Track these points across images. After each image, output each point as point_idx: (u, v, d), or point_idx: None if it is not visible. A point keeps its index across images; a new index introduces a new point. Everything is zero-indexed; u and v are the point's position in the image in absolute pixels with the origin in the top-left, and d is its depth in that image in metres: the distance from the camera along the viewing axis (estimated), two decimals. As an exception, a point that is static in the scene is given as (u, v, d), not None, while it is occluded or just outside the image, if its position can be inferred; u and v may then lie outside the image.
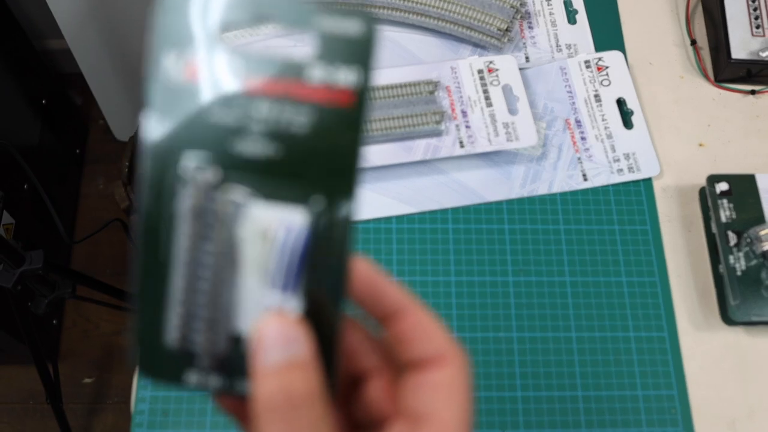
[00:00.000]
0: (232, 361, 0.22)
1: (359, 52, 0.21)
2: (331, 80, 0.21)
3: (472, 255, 0.48)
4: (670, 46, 0.57)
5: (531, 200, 0.50)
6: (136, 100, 1.13)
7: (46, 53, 1.22)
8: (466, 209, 0.50)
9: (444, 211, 0.50)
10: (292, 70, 0.21)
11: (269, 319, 0.21)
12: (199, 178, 0.22)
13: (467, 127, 0.51)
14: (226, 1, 0.21)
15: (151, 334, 0.22)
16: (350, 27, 0.21)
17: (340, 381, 0.23)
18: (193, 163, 0.22)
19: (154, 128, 0.21)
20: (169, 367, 0.22)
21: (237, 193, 0.22)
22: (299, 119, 0.21)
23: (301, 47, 0.22)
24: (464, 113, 0.51)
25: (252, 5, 0.21)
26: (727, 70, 0.54)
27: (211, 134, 0.22)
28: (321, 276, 0.22)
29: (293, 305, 0.21)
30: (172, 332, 0.22)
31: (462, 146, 0.50)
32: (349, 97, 0.22)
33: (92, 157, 1.28)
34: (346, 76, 0.21)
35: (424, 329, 0.23)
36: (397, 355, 0.23)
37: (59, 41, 1.06)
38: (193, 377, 0.22)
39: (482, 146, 0.50)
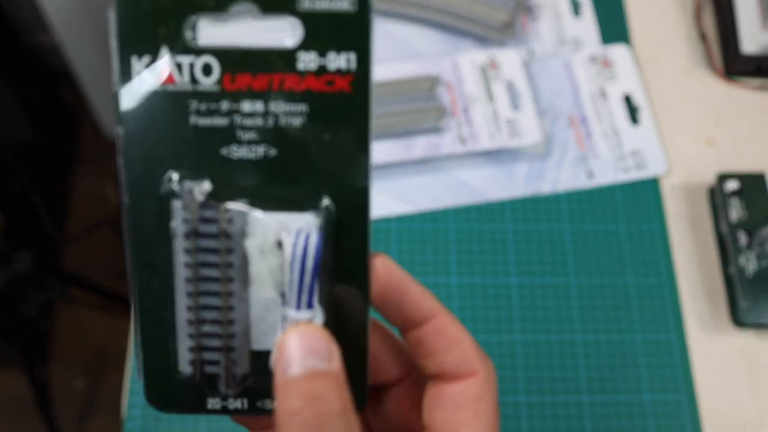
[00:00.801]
0: (254, 380, 0.21)
1: (352, 32, 0.19)
2: (323, 67, 0.19)
3: (474, 256, 0.47)
4: (678, 39, 0.56)
5: (534, 199, 0.49)
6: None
7: (36, 49, 1.20)
8: (467, 208, 0.49)
9: (444, 210, 0.49)
10: (279, 62, 0.19)
11: (290, 332, 0.19)
12: (190, 191, 0.20)
13: (468, 124, 0.50)
14: None
15: (162, 366, 0.21)
16: (338, 4, 0.19)
17: (368, 391, 0.21)
18: (181, 176, 0.20)
19: (132, 143, 0.19)
20: (187, 397, 0.21)
21: (236, 204, 0.20)
22: (293, 114, 0.20)
23: (285, 34, 0.20)
24: (465, 110, 0.50)
25: None
26: (736, 64, 0.53)
27: (198, 142, 0.20)
28: (340, 282, 0.20)
29: (314, 315, 0.20)
30: (185, 360, 0.21)
31: (463, 144, 0.49)
32: (346, 84, 0.19)
33: (83, 156, 1.26)
34: (340, 61, 0.19)
35: (451, 338, 0.21)
36: (421, 364, 0.22)
37: (49, 37, 1.05)
38: (214, 403, 0.21)
39: (484, 144, 0.49)
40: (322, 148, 0.20)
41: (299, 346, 0.19)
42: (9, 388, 1.09)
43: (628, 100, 0.52)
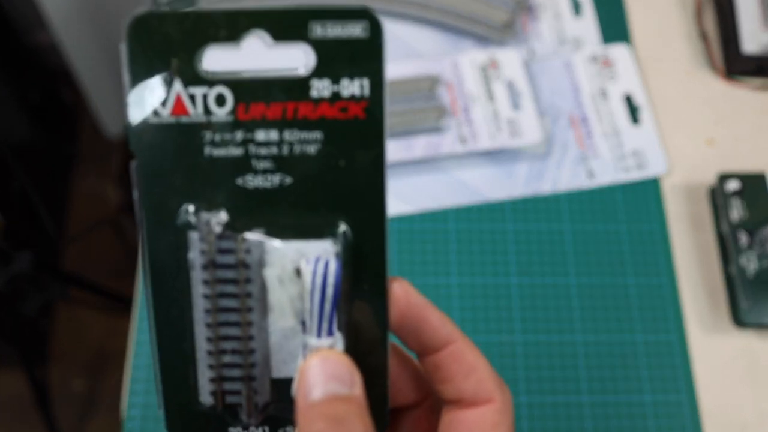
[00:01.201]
0: (276, 408, 0.21)
1: (365, 58, 0.19)
2: (337, 94, 0.19)
3: (474, 256, 0.47)
4: (678, 39, 0.56)
5: (534, 199, 0.49)
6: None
7: (36, 49, 1.20)
8: (467, 209, 0.49)
9: (444, 210, 0.49)
10: (291, 90, 0.19)
11: (311, 358, 0.19)
12: (207, 222, 0.20)
13: (469, 123, 0.49)
14: (203, 20, 0.19)
15: (183, 397, 0.21)
16: (350, 30, 0.19)
17: (388, 416, 0.22)
18: (197, 208, 0.20)
19: (147, 175, 0.19)
20: (208, 427, 0.21)
21: (254, 233, 0.20)
22: (308, 142, 0.19)
23: (296, 61, 0.20)
24: (466, 109, 0.50)
25: (232, 19, 0.19)
26: (737, 64, 0.53)
27: (213, 172, 0.20)
28: (359, 307, 0.20)
29: (334, 342, 0.20)
30: (206, 391, 0.21)
31: (463, 143, 0.49)
32: (360, 110, 0.19)
33: (83, 156, 1.26)
34: (354, 88, 0.19)
35: (468, 365, 0.21)
36: (438, 389, 0.22)
37: (49, 36, 1.05)
38: None
39: (484, 143, 0.49)
40: (338, 174, 0.20)
41: (321, 372, 0.19)
42: (8, 388, 1.09)
43: (628, 99, 0.52)
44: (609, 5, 0.56)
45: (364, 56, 0.19)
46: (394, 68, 0.51)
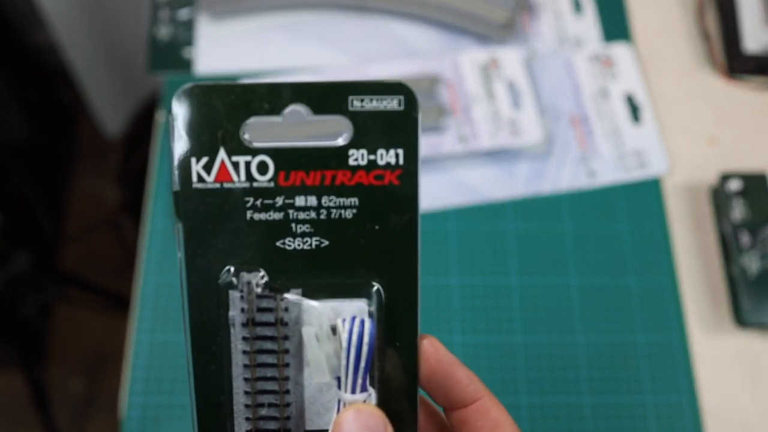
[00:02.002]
0: None
1: (400, 130, 0.20)
2: (373, 163, 0.20)
3: (474, 256, 0.47)
4: (680, 38, 0.55)
5: (535, 199, 0.49)
6: (129, 97, 1.11)
7: (35, 48, 1.20)
8: (467, 208, 0.48)
9: (444, 210, 0.48)
10: (330, 159, 0.20)
11: (345, 411, 0.20)
12: (248, 282, 0.21)
13: (469, 123, 0.49)
14: (248, 93, 0.20)
15: None
16: (386, 104, 0.20)
17: None
18: (238, 268, 0.21)
19: (191, 238, 0.20)
20: None
21: (292, 293, 0.21)
22: (345, 207, 0.21)
23: (335, 132, 0.21)
24: (466, 109, 0.50)
25: (275, 93, 0.20)
26: (739, 63, 0.53)
27: (254, 235, 0.21)
28: (391, 363, 0.21)
29: (368, 397, 0.21)
30: None
31: (463, 143, 0.49)
32: (395, 177, 0.20)
33: (82, 156, 1.26)
34: (389, 157, 0.20)
35: (494, 421, 0.22)
36: None
37: (48, 36, 1.04)
38: None
39: (484, 143, 0.49)
40: (373, 237, 0.21)
41: (355, 423, 0.20)
42: (7, 389, 1.08)
43: (629, 99, 0.52)
44: (610, 4, 0.56)
45: (400, 128, 0.20)
46: (394, 67, 0.51)
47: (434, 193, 0.49)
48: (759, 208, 0.47)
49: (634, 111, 0.52)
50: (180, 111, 0.20)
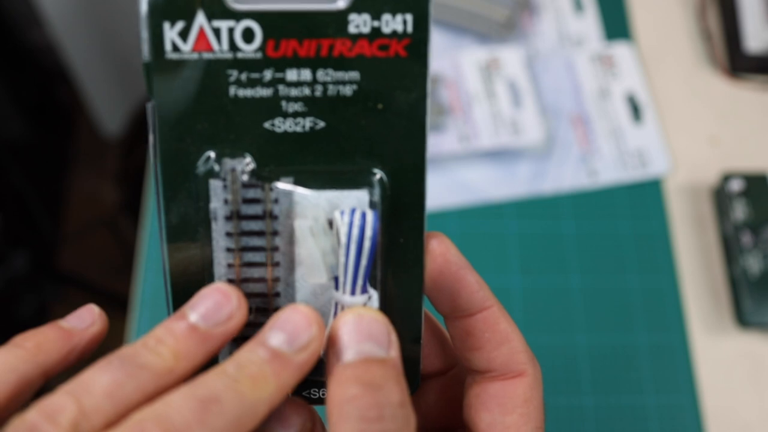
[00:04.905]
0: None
1: None
2: (377, 31, 0.17)
3: (475, 257, 0.47)
4: (681, 37, 0.55)
5: (536, 199, 0.49)
6: (127, 96, 1.11)
7: (32, 48, 1.20)
8: (468, 209, 0.48)
9: (445, 210, 0.48)
10: (328, 25, 0.17)
11: (344, 316, 0.18)
12: (232, 170, 0.18)
13: (470, 122, 0.49)
14: None
15: None
16: None
17: (420, 377, 0.20)
18: (220, 154, 0.18)
19: (165, 118, 0.18)
20: None
21: (282, 182, 0.18)
22: (343, 82, 0.18)
23: None
24: (466, 108, 0.49)
25: None
26: (740, 62, 0.52)
27: (238, 115, 0.18)
28: (394, 262, 0.19)
29: (369, 300, 0.18)
30: (227, 351, 0.19)
31: (464, 142, 0.48)
32: (402, 48, 0.18)
33: (79, 156, 1.25)
34: (395, 24, 0.17)
35: (502, 334, 0.20)
36: (466, 357, 0.20)
37: (45, 35, 1.04)
38: None
39: (485, 142, 0.48)
40: (375, 118, 0.18)
41: (355, 331, 0.17)
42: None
43: (630, 98, 0.52)
44: (611, 3, 0.56)
45: None
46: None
47: (434, 193, 0.48)
48: (761, 208, 0.46)
49: (635, 110, 0.52)
50: None
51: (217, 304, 0.17)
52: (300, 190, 0.18)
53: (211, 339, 0.17)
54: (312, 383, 0.20)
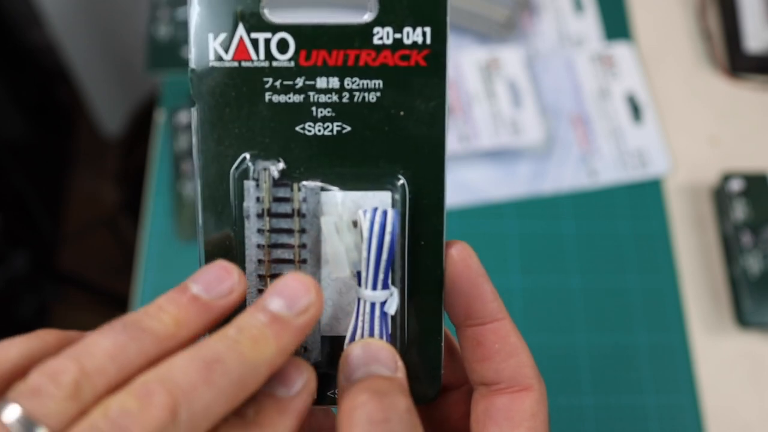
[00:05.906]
0: (327, 367, 0.20)
1: (428, 7, 0.19)
2: (399, 42, 0.19)
3: (475, 256, 0.47)
4: (681, 37, 0.55)
5: (536, 199, 0.49)
6: (127, 96, 1.11)
7: (32, 48, 1.20)
8: (468, 209, 0.48)
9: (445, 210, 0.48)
10: (354, 37, 0.19)
11: (353, 345, 0.19)
12: (265, 170, 0.19)
13: (470, 122, 0.49)
14: None
15: None
16: None
17: (441, 379, 0.21)
18: (255, 155, 0.19)
19: (206, 121, 0.19)
20: None
21: (310, 182, 0.20)
22: (368, 90, 0.19)
23: (358, 10, 0.20)
24: (466, 108, 0.49)
25: None
26: (741, 62, 0.52)
27: (273, 119, 0.19)
28: (414, 264, 0.20)
29: (390, 296, 0.19)
30: None
31: (464, 142, 0.48)
32: (421, 58, 0.19)
33: (80, 156, 1.25)
34: (416, 36, 0.19)
35: (511, 346, 0.20)
36: (474, 367, 0.21)
37: (45, 35, 1.04)
38: None
39: (485, 142, 0.48)
40: (398, 123, 0.19)
41: (363, 356, 0.19)
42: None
43: (630, 98, 0.52)
44: (611, 3, 0.56)
45: (428, 5, 0.19)
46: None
47: (434, 192, 0.48)
48: (761, 208, 0.46)
49: (635, 110, 0.52)
50: None
51: (218, 278, 0.18)
52: (327, 190, 0.20)
53: (212, 310, 0.18)
54: (336, 380, 0.21)
